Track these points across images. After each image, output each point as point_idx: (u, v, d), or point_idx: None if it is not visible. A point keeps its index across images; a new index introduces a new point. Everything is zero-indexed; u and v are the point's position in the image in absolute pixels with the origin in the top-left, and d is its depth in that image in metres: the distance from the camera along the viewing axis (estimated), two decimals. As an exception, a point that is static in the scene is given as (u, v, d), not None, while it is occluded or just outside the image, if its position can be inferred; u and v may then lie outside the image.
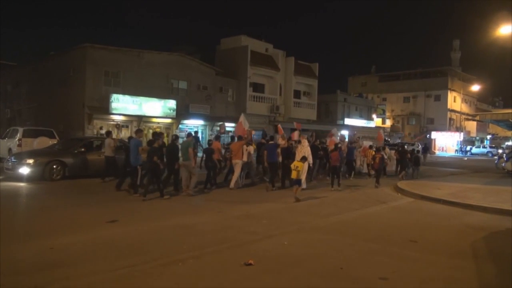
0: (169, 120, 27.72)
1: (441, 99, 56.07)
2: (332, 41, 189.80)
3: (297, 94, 37.76)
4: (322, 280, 4.87)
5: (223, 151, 13.96)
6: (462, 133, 55.43)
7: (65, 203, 9.10)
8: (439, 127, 54.93)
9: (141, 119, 25.97)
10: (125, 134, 25.98)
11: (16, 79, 31.61)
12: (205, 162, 12.81)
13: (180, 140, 13.12)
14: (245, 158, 12.64)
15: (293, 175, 10.73)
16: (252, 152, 13.20)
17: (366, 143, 19.34)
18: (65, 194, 10.72)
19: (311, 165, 12.83)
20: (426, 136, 48.10)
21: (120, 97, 24.52)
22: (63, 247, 5.76)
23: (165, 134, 28.21)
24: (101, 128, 23.86)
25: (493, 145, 53.58)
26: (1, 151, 18.12)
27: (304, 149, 12.59)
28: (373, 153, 16.18)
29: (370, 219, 8.86)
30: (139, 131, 11.96)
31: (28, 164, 12.24)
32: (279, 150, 12.90)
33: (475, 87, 55.80)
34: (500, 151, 43.13)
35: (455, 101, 57.50)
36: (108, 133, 13.87)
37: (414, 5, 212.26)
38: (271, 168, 12.66)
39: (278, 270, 5.15)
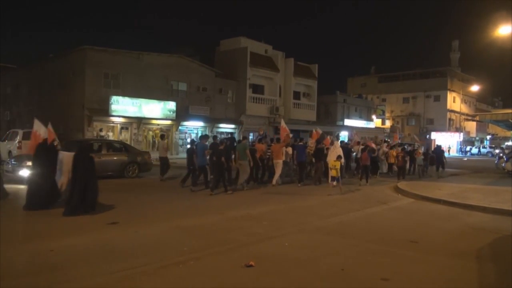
0: (169, 122, 27.74)
1: (440, 99, 56.08)
2: (331, 42, 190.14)
3: (296, 95, 37.77)
4: (323, 281, 4.87)
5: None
6: (461, 134, 55.45)
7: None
8: (438, 128, 54.93)
9: (140, 121, 26.00)
10: (124, 136, 26.04)
11: (16, 81, 31.63)
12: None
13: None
14: (284, 158, 13.92)
15: (333, 173, 12.29)
16: (290, 153, 14.49)
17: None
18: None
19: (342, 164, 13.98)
20: (426, 137, 48.15)
21: (120, 99, 24.54)
22: (63, 249, 5.76)
23: (165, 135, 28.39)
24: (100, 130, 23.88)
25: (493, 145, 53.61)
26: (1, 154, 18.11)
27: (336, 149, 13.73)
28: (394, 153, 17.89)
29: (371, 220, 8.86)
30: (204, 137, 13.39)
31: (28, 167, 12.21)
32: (308, 151, 14.69)
33: (475, 88, 55.82)
34: (497, 151, 43.18)
35: (454, 101, 57.52)
36: (162, 137, 16.27)
37: (413, 6, 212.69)
38: (299, 167, 14.37)
39: (279, 271, 5.14)
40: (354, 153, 18.52)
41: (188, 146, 15.08)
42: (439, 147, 20.94)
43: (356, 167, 18.00)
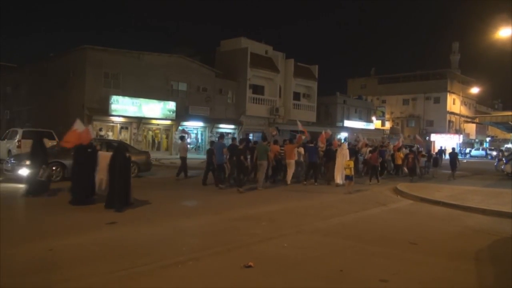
0: (168, 122, 27.75)
1: (440, 101, 56.09)
2: (331, 44, 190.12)
3: (296, 96, 37.80)
4: (322, 283, 4.87)
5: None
6: (461, 136, 55.47)
7: (64, 204, 9.06)
8: (438, 129, 54.94)
9: (140, 121, 26.01)
10: (124, 135, 26.04)
11: (16, 80, 31.63)
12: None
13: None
14: (296, 158, 14.75)
15: (347, 172, 12.89)
16: (302, 153, 15.19)
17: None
18: (64, 195, 10.68)
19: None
20: (425, 139, 48.09)
21: (120, 98, 24.55)
22: (63, 248, 5.75)
23: (164, 136, 28.42)
24: (100, 129, 23.88)
25: (492, 147, 53.63)
26: (0, 153, 18.11)
27: (344, 151, 14.57)
28: (401, 155, 18.97)
29: (370, 221, 8.86)
30: (222, 137, 14.60)
31: (28, 166, 12.21)
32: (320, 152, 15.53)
33: (474, 90, 55.88)
34: (494, 153, 43.28)
35: (454, 103, 57.54)
36: (182, 138, 16.94)
37: (413, 7, 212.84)
38: (311, 167, 15.09)
39: (278, 272, 5.14)
40: (361, 155, 18.69)
41: (180, 143, 16.47)
42: (453, 149, 22.05)
43: (364, 168, 18.45)
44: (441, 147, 32.24)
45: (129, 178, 9.21)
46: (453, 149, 23.06)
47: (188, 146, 29.94)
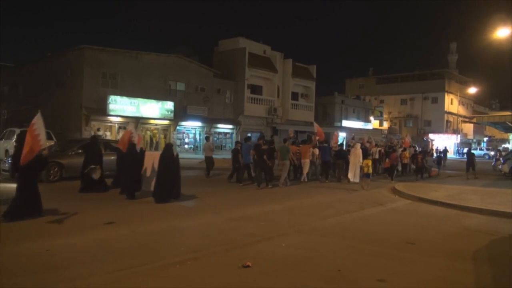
0: (166, 122, 27.72)
1: (438, 101, 56.24)
2: (330, 44, 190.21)
3: (294, 96, 37.81)
4: (320, 282, 4.87)
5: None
6: (459, 136, 55.60)
7: (62, 204, 9.04)
8: (436, 129, 55.08)
9: (138, 121, 25.95)
10: (122, 135, 25.98)
11: (13, 80, 31.51)
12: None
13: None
14: (311, 158, 15.64)
15: (365, 170, 14.10)
16: (317, 153, 15.99)
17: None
18: (62, 195, 10.68)
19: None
20: (423, 139, 48.24)
21: (118, 98, 24.50)
22: (60, 248, 5.74)
23: (162, 136, 28.39)
24: (98, 129, 23.85)
25: (490, 147, 53.77)
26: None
27: (357, 151, 15.41)
28: (407, 154, 19.85)
29: (368, 221, 8.87)
30: (248, 138, 15.90)
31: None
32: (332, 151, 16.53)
33: (472, 90, 56.02)
34: (492, 153, 43.44)
35: (452, 103, 57.67)
36: (207, 138, 18.23)
37: (411, 8, 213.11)
38: (324, 166, 16.14)
39: (276, 272, 5.14)
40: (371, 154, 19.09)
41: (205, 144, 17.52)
42: (469, 150, 22.98)
43: (374, 167, 19.04)
44: (445, 147, 32.43)
45: (178, 173, 10.08)
46: (469, 149, 24.42)
47: (186, 146, 30.17)
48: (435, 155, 24.70)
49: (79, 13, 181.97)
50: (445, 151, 30.35)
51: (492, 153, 43.50)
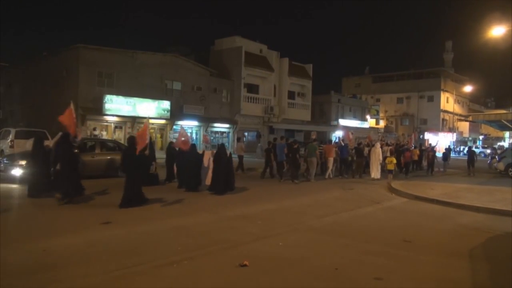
0: (163, 121, 27.63)
1: (434, 100, 56.42)
2: (326, 42, 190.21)
3: (291, 95, 37.81)
4: (317, 281, 4.88)
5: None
6: (455, 134, 55.80)
7: (60, 205, 9.00)
8: (432, 128, 55.25)
9: (135, 120, 25.86)
10: (118, 135, 25.90)
11: (9, 79, 31.32)
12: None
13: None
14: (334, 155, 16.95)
15: (389, 167, 15.77)
16: (338, 152, 17.36)
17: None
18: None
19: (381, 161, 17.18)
20: (419, 137, 48.28)
21: (114, 98, 24.40)
22: (56, 249, 5.72)
23: (158, 135, 28.30)
24: (94, 129, 23.73)
25: (485, 145, 54.01)
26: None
27: (377, 150, 16.96)
28: (418, 152, 20.99)
29: (365, 219, 8.89)
30: (282, 138, 17.40)
31: (21, 166, 12.14)
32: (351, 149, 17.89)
33: (468, 88, 56.23)
34: (488, 151, 43.64)
35: (447, 102, 57.89)
36: (239, 139, 20.59)
37: (407, 6, 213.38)
38: (345, 163, 17.67)
39: (273, 271, 5.14)
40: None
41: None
42: (470, 148, 23.64)
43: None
44: (448, 145, 32.60)
45: (232, 169, 11.88)
46: (470, 147, 25.00)
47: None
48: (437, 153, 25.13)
49: (73, 12, 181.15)
50: (449, 149, 30.55)
51: (488, 151, 43.69)
